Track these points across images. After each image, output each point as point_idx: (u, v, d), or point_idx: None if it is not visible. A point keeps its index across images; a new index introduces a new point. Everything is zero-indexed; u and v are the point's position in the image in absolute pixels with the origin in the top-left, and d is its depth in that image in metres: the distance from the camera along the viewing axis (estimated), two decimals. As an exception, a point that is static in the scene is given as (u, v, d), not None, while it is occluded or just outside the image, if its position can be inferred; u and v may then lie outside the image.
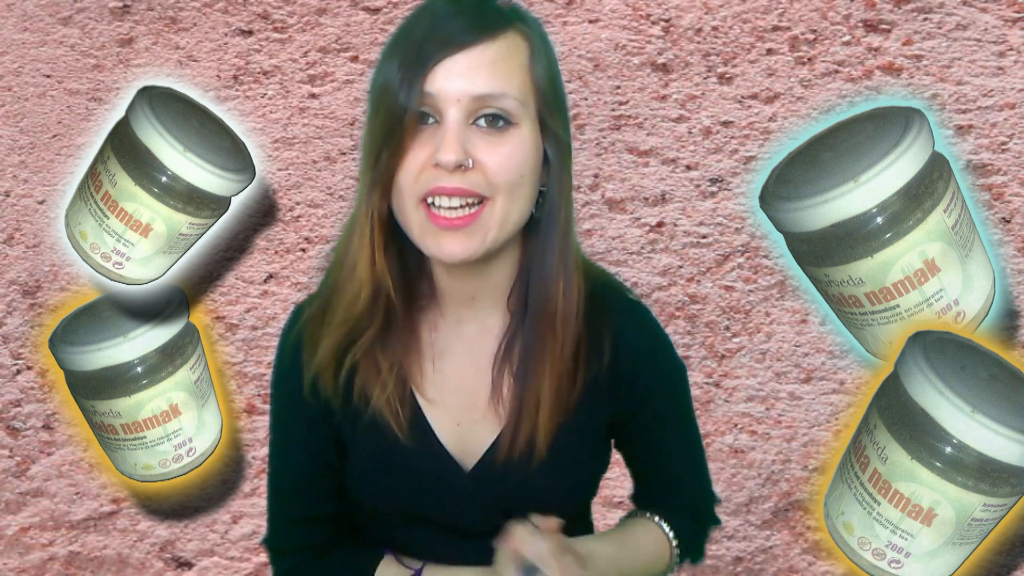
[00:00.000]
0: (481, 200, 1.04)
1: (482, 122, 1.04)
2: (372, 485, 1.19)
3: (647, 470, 1.29)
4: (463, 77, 1.02)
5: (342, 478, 1.22)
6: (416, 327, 1.15)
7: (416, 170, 1.04)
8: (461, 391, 1.16)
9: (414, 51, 1.03)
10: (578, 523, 1.30)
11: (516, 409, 1.13)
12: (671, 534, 1.25)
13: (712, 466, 1.32)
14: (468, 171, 1.03)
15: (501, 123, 1.04)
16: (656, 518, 1.26)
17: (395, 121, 1.03)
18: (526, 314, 1.12)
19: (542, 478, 1.16)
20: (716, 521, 1.33)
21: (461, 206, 1.04)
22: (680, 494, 1.29)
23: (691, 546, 1.28)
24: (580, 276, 1.12)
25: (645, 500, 1.31)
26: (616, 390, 1.18)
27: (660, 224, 2.78)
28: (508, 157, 1.04)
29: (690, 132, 2.95)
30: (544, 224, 1.10)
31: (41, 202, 2.94)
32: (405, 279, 1.12)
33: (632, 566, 1.20)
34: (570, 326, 1.11)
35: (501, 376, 1.14)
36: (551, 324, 1.11)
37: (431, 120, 1.04)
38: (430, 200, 1.04)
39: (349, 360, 1.12)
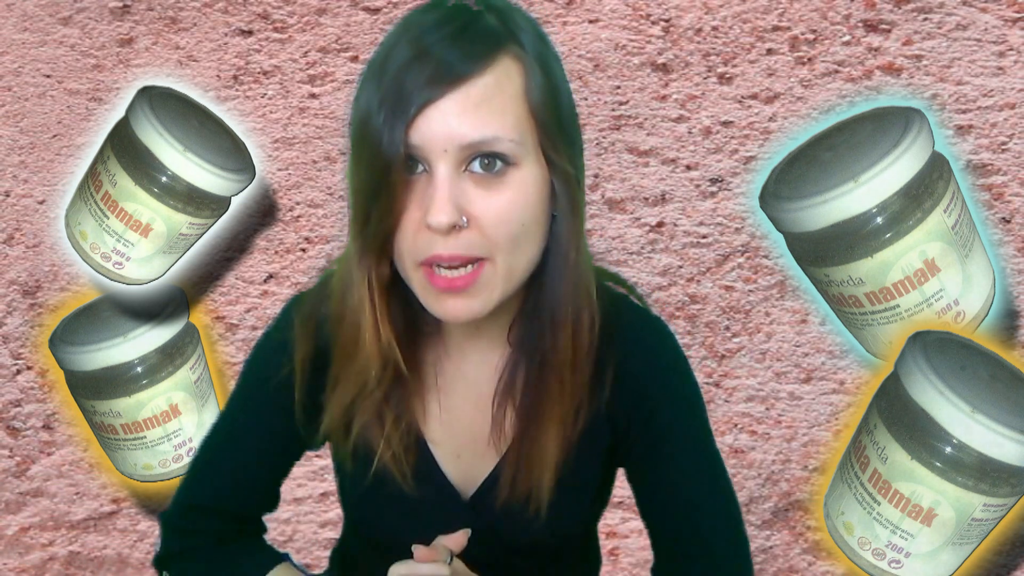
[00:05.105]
0: (481, 259, 0.96)
1: (476, 166, 0.94)
2: (372, 517, 1.15)
3: (660, 531, 1.12)
4: (449, 123, 0.92)
5: (282, 479, 1.19)
6: (420, 364, 1.09)
7: (411, 232, 0.96)
8: (463, 425, 1.11)
9: (395, 88, 0.92)
10: (581, 538, 1.26)
11: (517, 452, 1.07)
12: None
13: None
14: (464, 230, 0.94)
15: (498, 165, 0.94)
16: None
17: (382, 174, 0.93)
18: (532, 350, 1.04)
19: (541, 515, 1.09)
20: None
21: (461, 265, 0.96)
22: (699, 567, 1.09)
23: None
24: (592, 314, 1.03)
25: (659, 571, 1.14)
26: (614, 420, 1.10)
27: (660, 224, 2.78)
28: (506, 208, 0.94)
29: (690, 132, 2.95)
30: (551, 264, 1.01)
31: (41, 202, 2.94)
32: (409, 319, 1.05)
33: None
34: (579, 372, 1.04)
35: (502, 412, 1.07)
36: (559, 372, 1.03)
37: (420, 168, 0.95)
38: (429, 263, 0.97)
39: (358, 422, 1.07)
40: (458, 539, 1.05)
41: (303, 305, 1.12)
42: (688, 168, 2.87)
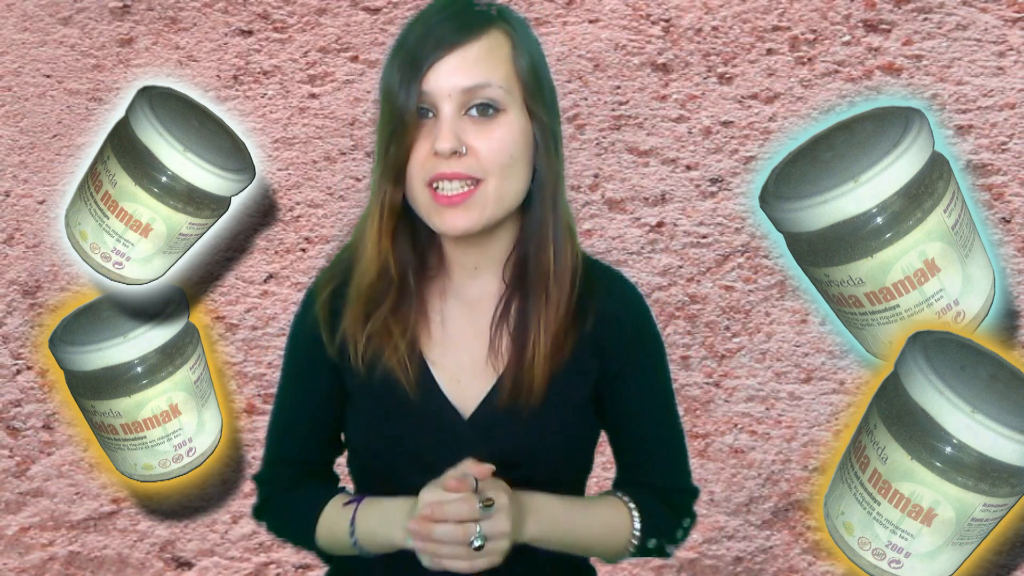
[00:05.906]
0: (477, 181, 1.19)
1: (473, 111, 1.19)
2: (379, 434, 1.30)
3: (621, 445, 1.35)
4: (453, 74, 1.18)
5: (337, 430, 1.36)
6: (426, 295, 1.30)
7: (421, 159, 1.19)
8: (462, 351, 1.30)
9: (410, 56, 1.20)
10: (572, 482, 1.36)
11: (513, 359, 1.26)
12: (634, 509, 1.30)
13: (712, 466, 1.32)
14: (463, 156, 1.18)
15: (490, 111, 1.19)
16: (622, 495, 1.32)
17: (399, 119, 1.19)
18: (523, 280, 1.26)
19: (536, 425, 1.27)
20: (691, 514, 1.36)
21: (460, 186, 1.19)
22: (652, 473, 1.34)
23: (659, 529, 1.31)
24: (572, 244, 1.27)
25: (619, 480, 1.36)
26: (600, 353, 1.29)
27: (660, 224, 2.78)
28: (498, 141, 1.19)
29: (690, 132, 2.95)
30: (534, 198, 1.24)
31: (41, 202, 2.94)
32: (417, 254, 1.28)
33: (583, 530, 1.28)
34: (563, 287, 1.25)
35: (499, 334, 1.28)
36: (544, 286, 1.25)
37: (430, 115, 1.20)
38: (435, 184, 1.19)
39: (369, 328, 1.27)
40: (483, 470, 1.19)
41: (322, 276, 1.32)
42: (688, 168, 2.87)
